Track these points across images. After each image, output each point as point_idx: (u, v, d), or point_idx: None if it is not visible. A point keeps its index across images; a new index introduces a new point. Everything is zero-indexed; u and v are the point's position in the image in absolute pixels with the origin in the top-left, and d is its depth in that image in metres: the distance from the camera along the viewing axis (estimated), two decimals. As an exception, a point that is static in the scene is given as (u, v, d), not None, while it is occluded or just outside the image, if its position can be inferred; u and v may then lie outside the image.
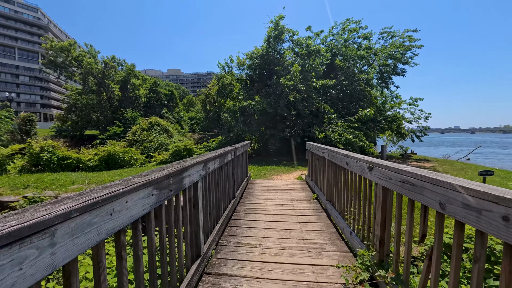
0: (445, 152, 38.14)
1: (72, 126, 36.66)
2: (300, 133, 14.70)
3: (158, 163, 15.73)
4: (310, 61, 14.73)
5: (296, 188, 6.22)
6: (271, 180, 7.72)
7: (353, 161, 2.98)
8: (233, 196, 4.52)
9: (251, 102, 14.32)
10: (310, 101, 13.70)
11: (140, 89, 35.85)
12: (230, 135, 16.70)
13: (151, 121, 20.38)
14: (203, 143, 19.18)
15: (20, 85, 75.62)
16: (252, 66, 17.17)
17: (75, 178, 8.86)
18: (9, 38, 74.26)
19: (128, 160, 14.60)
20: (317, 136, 12.01)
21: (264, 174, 8.69)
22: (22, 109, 76.06)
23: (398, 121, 16.96)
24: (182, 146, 16.17)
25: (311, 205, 4.76)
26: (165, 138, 19.73)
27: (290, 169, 10.60)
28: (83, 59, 31.17)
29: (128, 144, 18.95)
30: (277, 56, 16.56)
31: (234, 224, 3.78)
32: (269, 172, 9.45)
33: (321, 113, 13.76)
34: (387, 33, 17.66)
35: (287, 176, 8.86)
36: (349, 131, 12.25)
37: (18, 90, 74.89)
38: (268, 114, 15.69)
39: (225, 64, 17.58)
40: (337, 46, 17.21)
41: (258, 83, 17.02)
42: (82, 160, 13.03)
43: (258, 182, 7.02)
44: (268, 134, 14.77)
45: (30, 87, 76.90)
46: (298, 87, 13.30)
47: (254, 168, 10.54)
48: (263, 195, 5.51)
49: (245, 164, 6.46)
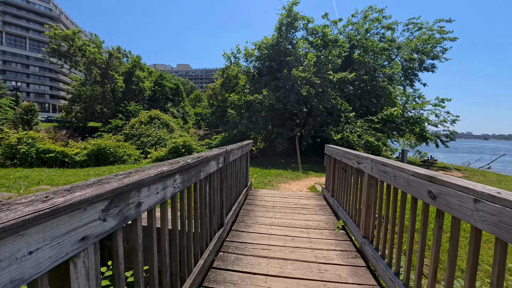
0: (463, 159, 35.65)
1: (76, 118, 35.95)
2: (312, 133, 13.06)
3: (153, 160, 14.38)
4: (326, 52, 13.03)
5: (311, 206, 4.64)
6: (277, 190, 6.16)
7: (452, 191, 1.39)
8: (220, 225, 2.99)
9: (258, 97, 12.76)
10: (324, 96, 12.03)
11: (145, 81, 34.71)
12: (234, 133, 15.21)
13: (150, 114, 19.06)
14: (205, 140, 17.75)
15: (30, 75, 76.10)
16: (261, 58, 15.58)
17: (46, 176, 7.51)
18: (20, 28, 74.69)
19: (121, 155, 13.28)
20: (332, 137, 10.35)
21: (270, 182, 7.13)
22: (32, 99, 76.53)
23: (422, 124, 15.10)
24: (180, 143, 14.77)
25: (337, 241, 3.18)
26: (164, 133, 18.39)
27: (300, 174, 9.01)
28: (86, 49, 30.14)
29: (125, 138, 17.70)
30: (288, 46, 14.90)
31: (216, 282, 2.24)
32: (276, 178, 7.88)
33: (336, 111, 12.07)
34: (413, 25, 15.74)
35: (297, 184, 7.28)
36: (370, 132, 10.56)
37: (28, 80, 75.40)
38: (276, 111, 14.09)
39: (231, 54, 16.03)
40: (356, 37, 15.41)
41: (267, 76, 15.43)
42: (68, 154, 11.75)
43: (261, 193, 5.46)
44: (276, 133, 13.19)
45: (39, 77, 77.34)
46: (312, 80, 11.65)
47: (257, 172, 9.00)
48: (266, 217, 3.96)
49: (244, 171, 4.92)
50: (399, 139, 18.32)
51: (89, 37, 34.54)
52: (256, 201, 4.82)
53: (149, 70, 38.14)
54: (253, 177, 7.71)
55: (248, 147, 5.00)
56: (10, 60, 73.21)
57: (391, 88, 15.54)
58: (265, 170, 9.85)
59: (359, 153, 3.21)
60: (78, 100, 34.90)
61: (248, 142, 4.93)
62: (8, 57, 72.55)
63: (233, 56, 16.06)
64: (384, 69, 13.62)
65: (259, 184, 6.65)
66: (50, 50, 30.46)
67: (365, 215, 2.85)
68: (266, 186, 6.57)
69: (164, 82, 36.65)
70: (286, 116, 15.13)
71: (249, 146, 5.12)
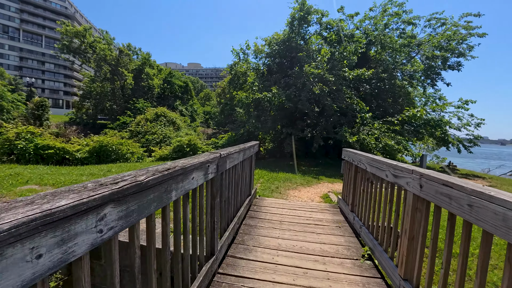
0: (481, 165, 33.64)
1: (86, 114, 36.26)
2: (324, 134, 12.21)
3: (157, 159, 13.87)
4: (341, 48, 12.15)
5: (327, 222, 3.87)
6: (286, 199, 5.40)
7: None
8: (210, 253, 2.27)
9: (267, 94, 12.02)
10: (339, 95, 11.17)
11: (154, 79, 34.53)
12: (240, 132, 14.52)
13: (156, 112, 18.62)
14: (211, 139, 17.16)
15: (45, 72, 77.89)
16: (271, 54, 14.82)
17: (38, 174, 7.02)
18: (37, 26, 76.54)
19: (124, 153, 12.81)
20: (346, 139, 9.48)
21: (277, 188, 6.38)
22: (46, 95, 78.45)
23: (443, 127, 13.98)
24: (185, 142, 14.20)
25: (364, 279, 2.41)
26: (170, 131, 17.90)
27: (310, 180, 8.21)
28: (97, 45, 30.16)
29: (131, 135, 17.32)
30: (300, 42, 14.10)
31: None
32: (284, 183, 7.13)
33: (351, 111, 11.19)
34: (436, 20, 14.59)
35: (308, 191, 6.50)
36: (389, 135, 9.65)
37: (43, 77, 77.21)
38: (286, 110, 13.31)
39: (240, 50, 15.34)
40: (373, 33, 14.41)
41: (277, 74, 14.66)
42: (69, 150, 11.35)
43: (267, 203, 4.73)
44: (285, 133, 12.42)
45: (54, 74, 79.07)
46: (326, 77, 10.81)
47: (264, 175, 8.27)
48: (271, 236, 3.23)
49: (247, 178, 4.20)
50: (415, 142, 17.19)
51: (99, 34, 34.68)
52: (261, 214, 4.09)
53: (158, 68, 38.00)
54: (259, 182, 6.98)
55: (252, 149, 4.28)
56: (27, 57, 75.14)
57: (410, 88, 14.47)
58: (272, 173, 9.11)
59: (397, 163, 2.42)
60: (88, 97, 35.17)
61: (252, 144, 4.21)
62: (25, 54, 74.47)
63: (242, 52, 15.37)
64: (405, 66, 12.58)
65: (265, 191, 5.91)
66: (61, 46, 30.64)
67: (407, 249, 2.07)
68: (273, 193, 5.82)
69: (173, 79, 36.41)
70: (296, 115, 14.33)
71: (254, 148, 4.40)
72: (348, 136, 9.45)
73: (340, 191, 6.48)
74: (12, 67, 73.18)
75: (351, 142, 9.30)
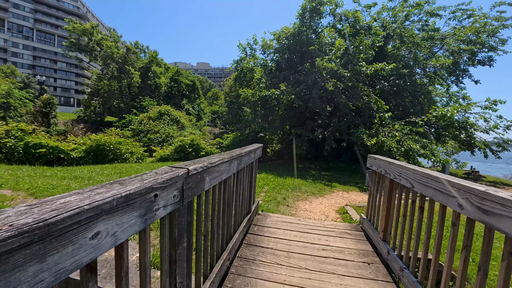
0: (502, 170, 31.39)
1: (94, 112, 36.25)
2: (336, 136, 11.15)
3: (158, 160, 13.14)
4: (357, 41, 11.05)
5: (350, 255, 2.90)
6: (294, 216, 4.44)
7: None
8: None
9: (275, 92, 11.06)
10: (354, 92, 10.08)
11: (161, 77, 34.10)
12: (246, 132, 13.62)
13: (160, 110, 17.94)
14: (216, 139, 16.33)
15: (57, 71, 79.27)
16: (280, 50, 13.85)
17: (17, 177, 6.31)
18: (50, 25, 77.96)
19: (123, 153, 12.13)
20: (364, 142, 8.39)
21: (284, 199, 5.41)
22: (58, 93, 79.91)
23: (469, 129, 12.67)
24: (188, 141, 13.43)
25: None
26: (174, 130, 17.19)
27: (323, 188, 7.21)
28: (104, 43, 29.89)
29: (133, 134, 16.70)
30: (312, 36, 13.07)
31: None
32: (292, 192, 6.16)
33: (367, 111, 10.08)
34: (462, 12, 13.25)
35: (321, 203, 5.52)
36: (413, 137, 8.52)
37: (55, 76, 78.60)
38: (295, 109, 12.32)
39: (247, 45, 14.43)
40: (392, 26, 13.21)
41: (286, 71, 13.69)
42: (64, 150, 10.72)
43: (271, 222, 3.78)
44: (294, 134, 11.44)
45: (66, 73, 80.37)
46: (340, 72, 9.75)
47: (270, 181, 7.32)
48: (276, 281, 2.28)
49: (246, 192, 3.27)
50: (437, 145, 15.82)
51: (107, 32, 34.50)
52: (263, 239, 3.15)
53: (166, 66, 37.59)
54: (263, 191, 6.03)
55: (253, 154, 3.35)
56: (40, 56, 76.58)
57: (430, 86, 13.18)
58: (280, 178, 8.16)
59: (486, 189, 1.44)
60: (96, 95, 35.13)
61: (253, 148, 3.28)
62: (38, 53, 75.93)
63: (249, 47, 14.46)
64: (429, 61, 11.33)
65: (270, 203, 4.96)
66: (69, 44, 30.53)
67: None
68: (279, 206, 4.87)
69: (181, 78, 35.89)
70: (306, 115, 13.31)
71: (255, 153, 3.47)
72: (366, 139, 8.36)
73: (359, 204, 5.48)
74: (26, 65, 74.73)
75: (369, 145, 8.23)
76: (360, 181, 9.32)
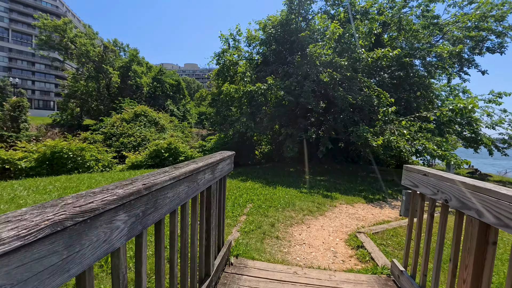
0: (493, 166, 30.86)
1: (71, 115, 33.82)
2: (332, 135, 9.78)
3: (129, 167, 11.40)
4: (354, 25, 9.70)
5: None
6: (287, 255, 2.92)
7: None
8: None
9: (261, 86, 9.58)
10: (353, 84, 8.71)
11: (142, 77, 32.02)
12: (229, 134, 12.11)
13: (136, 111, 16.12)
14: (198, 142, 14.70)
15: (35, 73, 75.40)
16: (266, 41, 12.38)
17: None
18: (27, 25, 74.07)
19: (86, 161, 10.34)
20: (369, 142, 6.96)
21: (273, 226, 3.87)
22: (37, 97, 76.25)
23: (475, 125, 11.59)
24: (164, 145, 11.75)
25: None
26: (151, 133, 15.42)
27: (322, 201, 5.75)
28: (77, 40, 27.64)
29: (105, 138, 14.84)
30: (302, 24, 11.67)
31: None
32: (283, 212, 4.66)
33: (368, 105, 8.72)
34: (463, -3, 12.14)
35: (323, 227, 4.04)
36: (425, 135, 7.20)
37: (33, 78, 74.74)
38: (285, 106, 10.89)
39: (229, 36, 12.87)
40: (389, 14, 11.97)
41: (274, 64, 12.24)
42: (9, 159, 8.87)
43: (250, 279, 2.26)
44: (284, 134, 9.99)
45: (45, 75, 76.52)
46: (336, 61, 8.36)
47: (256, 193, 5.81)
48: None
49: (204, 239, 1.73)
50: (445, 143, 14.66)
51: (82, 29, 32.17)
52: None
53: (148, 65, 35.49)
54: (245, 212, 4.50)
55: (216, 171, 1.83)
56: (16, 57, 72.63)
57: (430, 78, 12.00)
58: (268, 188, 6.65)
59: None
60: (73, 97, 32.74)
61: (215, 160, 1.76)
62: (14, 54, 71.99)
63: (232, 38, 12.89)
64: (435, 48, 10.09)
65: (253, 237, 3.43)
66: (39, 41, 28.10)
67: None
68: (265, 240, 3.34)
69: (164, 78, 33.87)
70: (298, 113, 11.90)
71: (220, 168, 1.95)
72: (370, 138, 6.95)
73: (373, 227, 4.04)
74: (1, 68, 70.63)
75: (375, 146, 6.85)
76: (362, 187, 7.95)
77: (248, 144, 13.06)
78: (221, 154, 2.23)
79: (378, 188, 8.10)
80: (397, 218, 5.04)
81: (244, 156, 12.58)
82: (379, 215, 5.22)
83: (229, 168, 2.45)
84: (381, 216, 5.15)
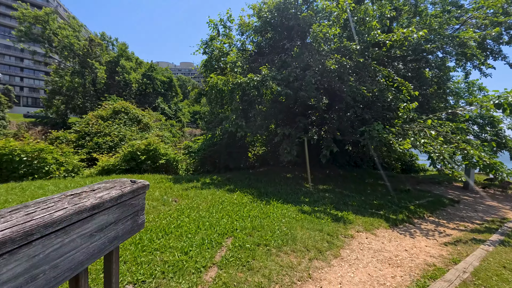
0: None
1: (57, 112, 31.83)
2: (337, 136, 8.23)
3: (99, 172, 9.70)
4: (362, 10, 8.15)
5: None
6: None
7: None
8: None
9: (254, 78, 7.99)
10: (366, 73, 7.15)
11: (131, 72, 30.16)
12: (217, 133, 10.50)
13: (115, 107, 14.40)
14: (184, 142, 13.05)
15: (24, 69, 72.77)
16: (261, 29, 10.81)
17: None
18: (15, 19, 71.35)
19: (43, 165, 8.63)
20: (393, 147, 5.33)
21: (262, 263, 2.29)
22: (25, 94, 73.78)
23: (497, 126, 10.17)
24: (142, 146, 10.09)
25: None
26: (133, 132, 13.73)
27: (332, 228, 4.17)
28: (60, 32, 25.73)
29: (78, 137, 13.10)
30: (303, 8, 10.11)
31: None
32: (277, 254, 3.05)
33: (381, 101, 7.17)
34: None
35: (340, 285, 2.44)
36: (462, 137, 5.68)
37: (21, 74, 72.14)
38: (282, 103, 9.31)
39: (219, 22, 11.24)
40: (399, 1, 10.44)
41: (270, 55, 10.67)
42: None
43: None
44: (281, 135, 8.43)
45: (34, 71, 73.89)
46: (346, 45, 6.81)
47: (242, 217, 4.22)
48: None
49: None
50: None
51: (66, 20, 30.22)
52: None
53: (138, 61, 33.63)
54: (221, 252, 2.88)
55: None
56: (3, 52, 69.98)
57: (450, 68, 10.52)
58: (259, 204, 5.05)
59: None
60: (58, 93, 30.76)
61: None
62: (1, 49, 69.32)
63: (222, 24, 11.26)
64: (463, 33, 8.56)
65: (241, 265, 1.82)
66: (18, 32, 26.13)
67: None
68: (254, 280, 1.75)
69: (155, 74, 32.02)
70: (297, 110, 10.33)
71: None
72: (394, 141, 5.30)
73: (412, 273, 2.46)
74: (-14, 63, 67.96)
75: (399, 151, 5.29)
76: (377, 201, 6.38)
77: (240, 145, 11.47)
78: (122, 188, 0.65)
79: (395, 202, 6.57)
80: (443, 256, 3.48)
81: (235, 158, 10.99)
82: (414, 250, 3.66)
83: (132, 228, 0.86)
84: (418, 252, 3.59)
